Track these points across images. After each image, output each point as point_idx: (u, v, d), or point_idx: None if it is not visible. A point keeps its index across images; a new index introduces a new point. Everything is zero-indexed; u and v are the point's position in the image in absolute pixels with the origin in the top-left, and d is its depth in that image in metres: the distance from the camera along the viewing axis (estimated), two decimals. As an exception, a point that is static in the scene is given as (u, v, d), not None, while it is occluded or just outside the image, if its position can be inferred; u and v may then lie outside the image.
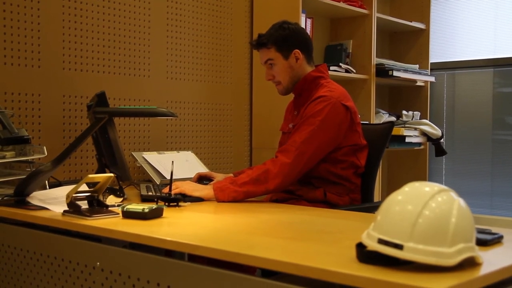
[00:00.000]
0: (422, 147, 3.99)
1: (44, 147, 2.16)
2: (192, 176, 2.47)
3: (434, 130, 3.81)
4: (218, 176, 2.37)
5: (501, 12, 3.93)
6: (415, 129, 3.78)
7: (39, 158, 2.21)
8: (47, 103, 2.45)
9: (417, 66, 3.96)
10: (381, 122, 3.60)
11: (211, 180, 2.34)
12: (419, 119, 3.95)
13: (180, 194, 2.01)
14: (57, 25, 2.48)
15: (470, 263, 1.13)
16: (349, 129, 2.19)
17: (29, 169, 2.12)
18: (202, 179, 2.39)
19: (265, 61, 2.30)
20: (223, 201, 2.02)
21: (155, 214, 1.68)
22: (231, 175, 2.36)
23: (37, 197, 1.91)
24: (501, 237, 1.41)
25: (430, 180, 4.03)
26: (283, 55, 2.27)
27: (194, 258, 1.46)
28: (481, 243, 1.30)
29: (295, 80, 2.29)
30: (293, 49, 2.26)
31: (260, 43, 2.29)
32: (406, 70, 3.78)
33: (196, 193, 2.04)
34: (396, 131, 3.58)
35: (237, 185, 2.04)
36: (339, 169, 2.21)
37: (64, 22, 2.51)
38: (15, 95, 2.36)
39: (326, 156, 2.18)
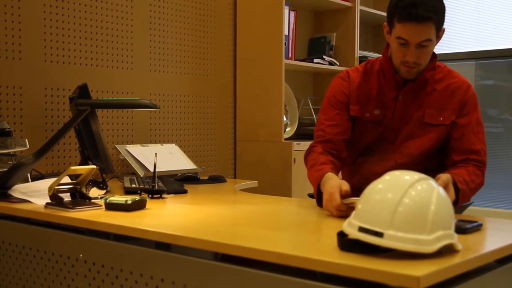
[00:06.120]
0: (405, 139, 4.01)
1: (26, 140, 2.14)
2: (175, 169, 2.46)
3: (417, 122, 3.84)
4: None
5: (483, 5, 3.97)
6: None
7: (21, 151, 2.19)
8: (29, 96, 2.43)
9: (400, 58, 3.98)
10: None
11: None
12: (402, 111, 3.98)
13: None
14: (38, 16, 2.46)
15: (449, 250, 1.15)
16: None
17: (11, 162, 2.10)
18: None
19: (423, 40, 1.83)
20: None
21: (138, 205, 1.68)
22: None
23: (19, 190, 1.90)
24: (480, 225, 1.43)
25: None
26: (437, 34, 1.87)
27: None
28: (460, 231, 1.32)
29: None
30: (442, 27, 1.90)
31: (426, 16, 1.80)
32: (389, 63, 3.80)
33: None
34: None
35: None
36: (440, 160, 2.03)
37: (46, 14, 2.48)
38: (-4, 88, 2.34)
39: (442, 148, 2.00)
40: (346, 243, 1.17)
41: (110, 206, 1.67)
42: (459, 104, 1.96)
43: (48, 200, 1.72)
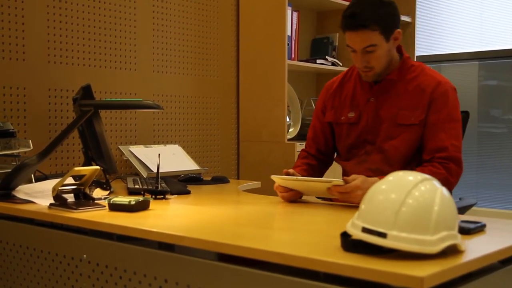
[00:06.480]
0: (408, 139, 4.01)
1: (30, 141, 2.14)
2: (178, 169, 2.46)
3: (420, 122, 3.84)
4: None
5: (487, 5, 3.96)
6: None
7: (25, 152, 2.19)
8: (33, 97, 2.44)
9: (403, 59, 3.98)
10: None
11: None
12: (405, 111, 3.97)
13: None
14: (41, 17, 2.47)
15: (452, 251, 1.15)
16: None
17: (15, 163, 2.11)
18: None
19: (365, 46, 1.91)
20: None
21: (142, 206, 1.68)
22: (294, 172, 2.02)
23: (23, 190, 1.91)
24: (483, 225, 1.43)
25: (417, 172, 4.05)
26: (386, 37, 1.92)
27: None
28: (464, 231, 1.32)
29: (388, 64, 1.99)
30: (395, 30, 1.95)
31: (361, 24, 1.88)
32: (392, 63, 3.80)
33: None
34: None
35: None
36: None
37: (49, 15, 2.49)
38: None
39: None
40: (349, 244, 1.17)
41: (114, 207, 1.68)
42: (427, 102, 1.96)
43: (52, 201, 1.72)
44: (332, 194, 1.79)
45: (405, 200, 1.13)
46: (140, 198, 1.70)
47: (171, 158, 2.69)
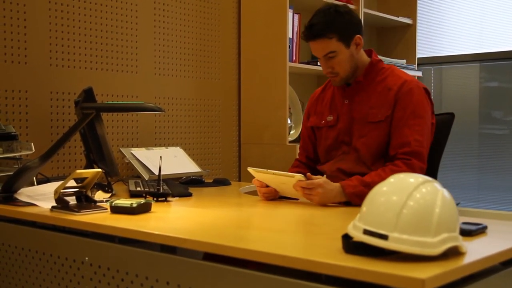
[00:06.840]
0: (409, 141, 4.00)
1: (32, 144, 2.15)
2: (180, 172, 2.47)
3: (421, 124, 3.83)
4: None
5: (487, 7, 3.97)
6: (403, 123, 3.80)
7: (27, 155, 2.20)
8: (35, 100, 2.45)
9: (404, 61, 3.99)
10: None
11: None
12: (407, 113, 3.97)
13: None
14: (43, 21, 2.47)
15: (454, 253, 1.15)
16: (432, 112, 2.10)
17: (17, 166, 2.11)
18: None
19: (325, 54, 2.05)
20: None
21: (144, 209, 1.69)
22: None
23: (25, 193, 1.91)
24: (485, 227, 1.43)
25: (418, 174, 4.05)
26: (345, 44, 2.05)
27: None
28: (465, 233, 1.32)
29: (354, 68, 2.10)
30: (354, 36, 2.07)
31: (317, 34, 2.03)
32: (393, 65, 3.80)
33: (327, 203, 1.89)
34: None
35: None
36: None
37: (51, 18, 2.50)
38: (1, 92, 2.34)
39: None
40: (351, 246, 1.18)
41: (116, 209, 1.68)
42: (393, 99, 2.04)
43: (54, 204, 1.73)
44: (296, 190, 1.88)
45: (406, 202, 1.13)
46: (142, 200, 1.70)
47: (173, 161, 2.69)
